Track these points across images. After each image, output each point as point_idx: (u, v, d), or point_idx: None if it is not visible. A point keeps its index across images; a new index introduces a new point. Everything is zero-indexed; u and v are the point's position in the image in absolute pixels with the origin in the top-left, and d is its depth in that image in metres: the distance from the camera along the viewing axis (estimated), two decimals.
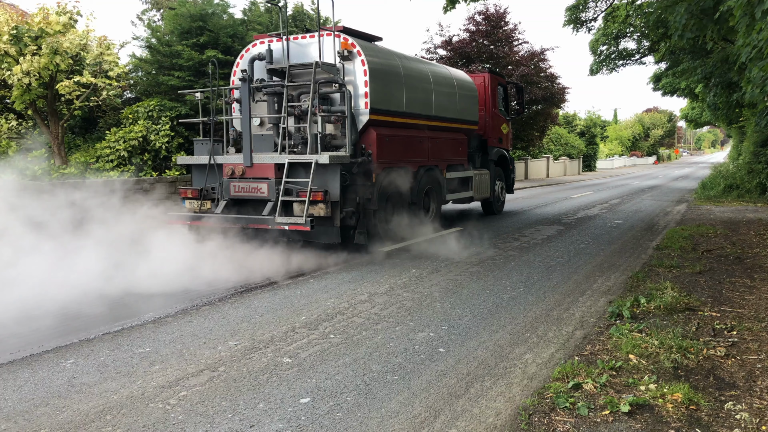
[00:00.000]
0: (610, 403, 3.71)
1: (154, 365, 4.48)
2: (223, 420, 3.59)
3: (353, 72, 9.12)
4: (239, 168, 8.97)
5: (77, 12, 13.13)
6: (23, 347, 4.96)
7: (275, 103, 9.36)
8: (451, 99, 11.66)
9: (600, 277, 7.46)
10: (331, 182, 8.49)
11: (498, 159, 14.41)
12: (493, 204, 14.50)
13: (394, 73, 9.90)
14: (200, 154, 9.46)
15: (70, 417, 3.66)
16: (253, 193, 8.91)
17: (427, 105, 10.81)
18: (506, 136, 15.06)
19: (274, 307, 6.07)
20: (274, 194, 8.61)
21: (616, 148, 66.77)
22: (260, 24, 17.24)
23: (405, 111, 10.12)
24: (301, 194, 8.33)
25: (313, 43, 9.35)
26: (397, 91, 9.89)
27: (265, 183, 8.75)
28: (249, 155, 8.89)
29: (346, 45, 9.09)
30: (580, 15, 19.19)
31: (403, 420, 3.59)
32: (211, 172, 9.24)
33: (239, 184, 8.99)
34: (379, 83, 9.33)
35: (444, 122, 11.41)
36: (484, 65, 26.93)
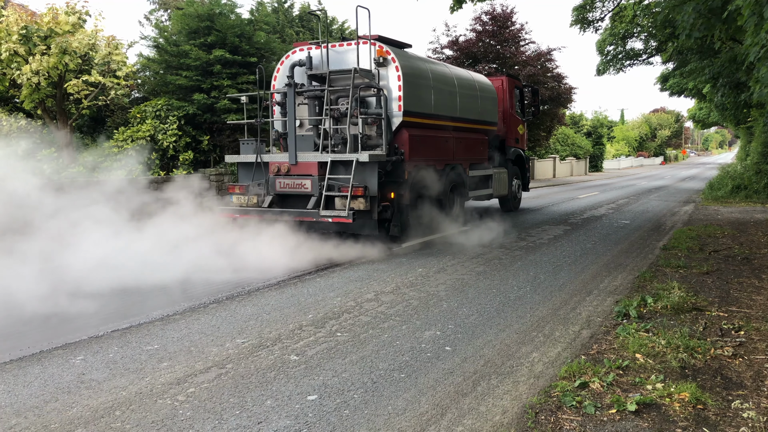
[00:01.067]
0: (617, 401, 3.71)
1: (162, 362, 4.51)
2: (231, 416, 3.61)
3: (387, 77, 9.85)
4: (284, 166, 9.64)
5: (86, 12, 13.22)
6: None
7: (316, 106, 10.08)
8: (473, 101, 12.28)
9: (607, 277, 7.45)
10: (369, 178, 9.15)
11: (515, 158, 15.06)
12: (510, 201, 15.17)
13: (424, 78, 10.56)
14: (246, 153, 10.16)
15: (80, 413, 3.69)
16: (297, 188, 9.62)
17: (452, 107, 11.41)
18: (522, 136, 15.64)
19: (281, 306, 6.09)
20: (317, 190, 9.30)
21: (623, 149, 66.57)
22: (267, 24, 17.30)
23: (433, 113, 10.78)
24: (343, 189, 9.01)
25: (350, 50, 10.04)
26: (426, 94, 10.55)
27: (309, 179, 9.45)
28: (294, 154, 9.58)
29: (382, 52, 9.78)
30: (587, 15, 19.16)
31: (410, 417, 3.61)
32: (258, 169, 9.90)
33: (284, 180, 9.69)
34: (411, 87, 10.00)
35: (467, 123, 12.02)
36: (490, 65, 26.92)
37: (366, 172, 9.17)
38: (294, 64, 10.14)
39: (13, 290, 6.33)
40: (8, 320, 5.65)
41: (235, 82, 15.36)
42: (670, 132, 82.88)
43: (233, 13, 16.54)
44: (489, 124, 13.08)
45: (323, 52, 9.93)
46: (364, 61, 9.81)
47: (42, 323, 5.57)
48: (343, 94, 9.91)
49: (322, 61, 9.96)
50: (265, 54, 16.32)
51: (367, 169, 9.17)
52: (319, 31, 10.88)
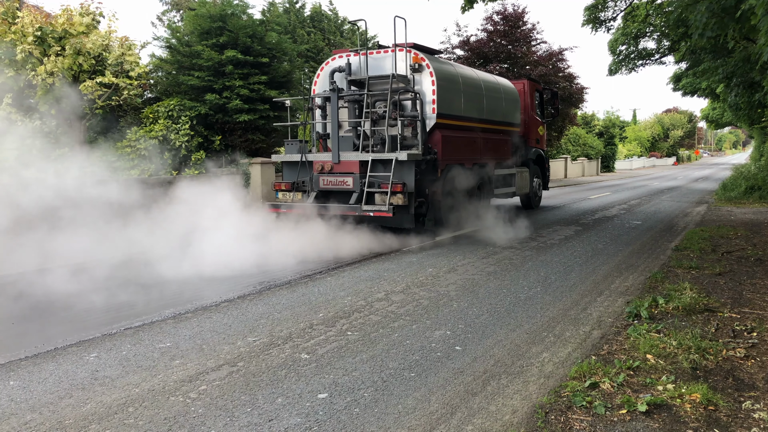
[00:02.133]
0: (627, 402, 3.70)
1: (174, 360, 4.55)
2: (243, 414, 3.64)
3: (421, 82, 10.60)
4: (328, 164, 10.45)
5: (100, 13, 13.35)
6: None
7: (355, 109, 10.84)
8: (498, 103, 12.99)
9: (618, 277, 7.42)
10: (407, 176, 9.87)
11: (536, 158, 15.76)
12: (531, 199, 15.85)
13: (454, 82, 11.33)
14: (290, 153, 10.96)
15: (94, 409, 3.73)
16: (339, 185, 10.42)
17: (479, 109, 12.16)
18: (542, 137, 16.36)
19: (292, 304, 6.13)
20: (358, 186, 10.08)
21: (635, 149, 66.16)
22: (279, 24, 17.35)
23: (463, 115, 11.54)
24: (383, 186, 9.77)
25: (386, 57, 10.88)
26: (456, 98, 11.31)
27: (351, 177, 10.25)
28: (337, 153, 10.39)
29: (417, 59, 10.57)
30: (599, 14, 19.05)
31: (419, 416, 3.62)
32: (302, 168, 10.72)
33: (328, 177, 10.49)
34: (444, 91, 10.75)
35: (492, 124, 12.74)
36: (501, 65, 26.86)
37: (404, 170, 9.88)
38: (334, 70, 10.91)
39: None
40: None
41: (247, 83, 15.44)
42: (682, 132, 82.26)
43: (245, 14, 16.63)
44: (512, 125, 13.77)
45: (361, 59, 10.77)
46: (400, 66, 10.60)
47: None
48: (380, 97, 10.67)
49: (361, 67, 10.81)
50: (276, 54, 16.38)
51: (405, 167, 9.89)
52: (358, 39, 11.86)
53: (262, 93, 15.67)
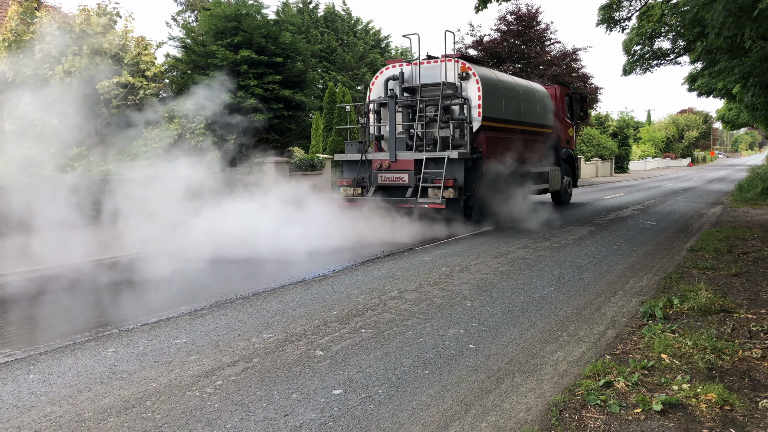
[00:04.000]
0: (642, 401, 3.70)
1: (190, 355, 4.61)
2: (258, 409, 3.68)
3: (468, 88, 11.78)
4: (386, 162, 11.72)
5: (117, 13, 13.48)
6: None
7: (409, 113, 12.05)
8: (533, 107, 14.12)
9: (632, 277, 7.39)
10: (457, 172, 11.08)
11: (566, 157, 16.88)
12: (562, 196, 16.95)
13: (497, 88, 12.51)
14: (350, 153, 12.29)
15: (112, 402, 3.79)
16: (396, 181, 11.64)
17: (517, 112, 13.29)
18: (572, 138, 17.59)
19: (306, 302, 6.17)
20: (413, 182, 11.35)
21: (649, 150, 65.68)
22: (293, 24, 17.44)
23: (504, 117, 12.70)
24: (436, 181, 11.00)
25: (435, 66, 12.04)
26: (498, 102, 12.46)
27: (406, 173, 11.50)
28: (394, 152, 11.60)
29: (465, 68, 11.77)
30: (614, 14, 18.92)
31: (434, 413, 3.64)
32: (362, 166, 11.97)
33: (386, 174, 11.75)
34: (488, 96, 11.89)
35: (529, 126, 13.86)
36: (515, 65, 26.79)
37: (454, 167, 11.06)
38: (388, 78, 12.27)
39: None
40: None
41: (262, 82, 15.53)
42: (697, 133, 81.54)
43: (259, 14, 16.72)
44: (546, 127, 14.90)
45: (413, 68, 12.10)
46: (449, 75, 11.75)
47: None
48: (430, 102, 11.80)
49: (413, 75, 12.08)
50: (290, 54, 16.46)
51: (456, 165, 11.07)
52: (415, 50, 13.13)
53: (277, 92, 15.75)
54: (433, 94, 11.74)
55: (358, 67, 29.25)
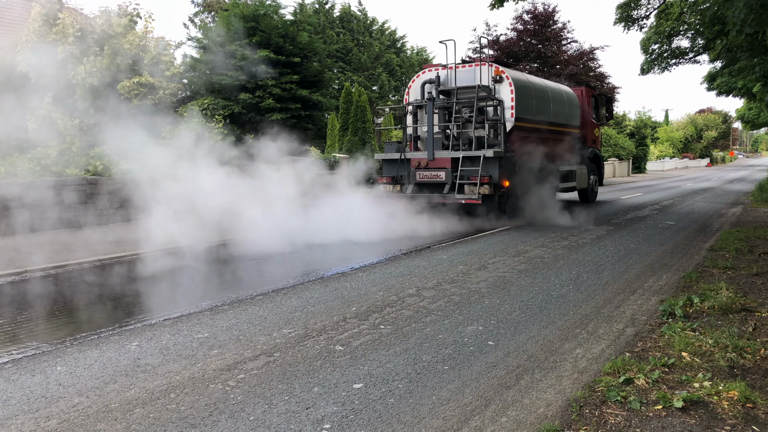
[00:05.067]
0: (662, 398, 3.69)
1: (212, 349, 4.67)
2: (280, 402, 3.73)
3: (501, 91, 12.45)
4: (424, 161, 12.43)
5: (137, 14, 13.63)
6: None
7: (445, 115, 12.80)
8: (562, 108, 14.76)
9: (651, 276, 7.36)
10: (492, 170, 11.74)
11: (592, 157, 17.53)
12: (588, 194, 17.53)
13: (528, 90, 13.16)
14: (389, 152, 13.08)
15: (138, 394, 3.86)
16: (433, 178, 12.37)
17: (547, 113, 13.91)
18: (598, 138, 18.25)
19: (325, 299, 6.22)
20: (450, 179, 12.05)
21: (667, 150, 65.05)
22: (310, 24, 17.53)
23: (535, 118, 13.30)
24: (472, 178, 11.68)
25: (469, 70, 12.74)
26: (529, 103, 13.10)
27: (444, 171, 12.19)
28: (432, 151, 12.34)
29: (498, 72, 12.46)
30: (632, 13, 18.76)
31: (454, 407, 3.67)
32: (400, 164, 12.69)
33: (423, 172, 12.47)
34: (520, 98, 12.56)
35: (558, 126, 14.49)
36: (531, 64, 26.69)
37: (489, 165, 11.71)
38: (425, 81, 12.91)
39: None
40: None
41: (279, 82, 15.63)
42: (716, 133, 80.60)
43: (277, 14, 16.83)
44: (573, 127, 15.55)
45: (449, 72, 12.76)
46: (483, 78, 12.46)
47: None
48: (465, 104, 12.50)
49: (448, 78, 12.74)
50: (308, 54, 16.55)
51: (490, 163, 11.70)
52: (446, 57, 13.70)
53: (294, 92, 15.84)
54: (468, 96, 12.40)
55: (373, 68, 29.30)
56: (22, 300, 6.59)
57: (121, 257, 8.96)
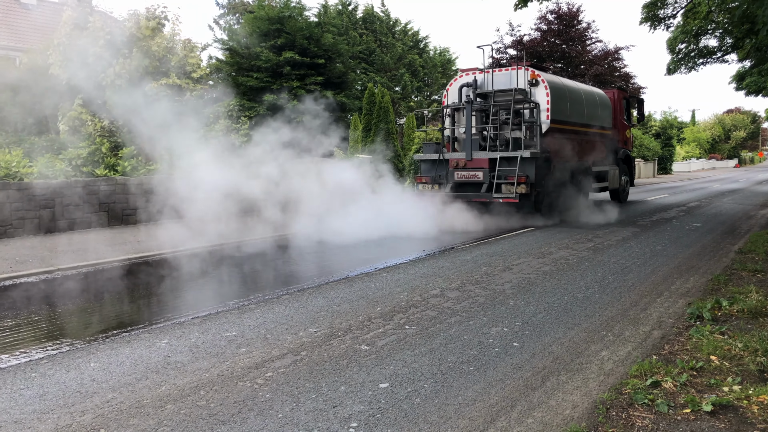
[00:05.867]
0: (691, 401, 3.67)
1: (240, 348, 4.75)
2: (308, 400, 3.78)
3: (536, 94, 12.85)
4: (462, 161, 12.86)
5: (164, 17, 13.85)
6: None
7: (482, 117, 13.30)
8: (595, 110, 15.13)
9: (678, 279, 7.28)
10: (529, 170, 12.10)
11: (624, 158, 17.79)
12: (620, 194, 17.79)
13: (562, 93, 13.56)
14: (427, 152, 13.53)
15: (168, 391, 3.94)
16: (471, 178, 12.78)
17: (581, 115, 14.33)
18: (629, 139, 18.53)
19: (350, 299, 6.27)
20: (487, 179, 12.44)
21: (694, 151, 64.04)
22: (334, 26, 17.62)
23: (569, 120, 13.70)
24: (509, 178, 12.03)
25: (505, 74, 13.19)
26: (564, 106, 13.47)
27: (481, 171, 12.59)
28: (470, 152, 12.77)
29: (534, 75, 12.87)
30: (658, 12, 18.57)
31: (480, 408, 3.69)
32: (439, 164, 13.15)
33: (462, 172, 12.90)
34: (555, 100, 12.95)
35: (591, 128, 14.90)
36: (555, 64, 26.51)
37: (526, 165, 12.06)
38: (462, 85, 13.41)
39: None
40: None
41: (304, 83, 15.76)
42: (745, 133, 79.13)
43: (301, 16, 16.96)
44: (606, 128, 15.90)
45: (486, 76, 13.26)
46: (519, 81, 12.84)
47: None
48: (502, 107, 12.90)
49: (485, 82, 13.22)
50: (332, 56, 16.65)
51: (527, 163, 12.06)
52: (483, 62, 14.20)
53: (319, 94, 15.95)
54: (504, 99, 12.81)
55: (396, 68, 29.33)
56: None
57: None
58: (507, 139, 12.63)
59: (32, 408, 3.68)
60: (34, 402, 3.76)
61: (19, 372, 4.29)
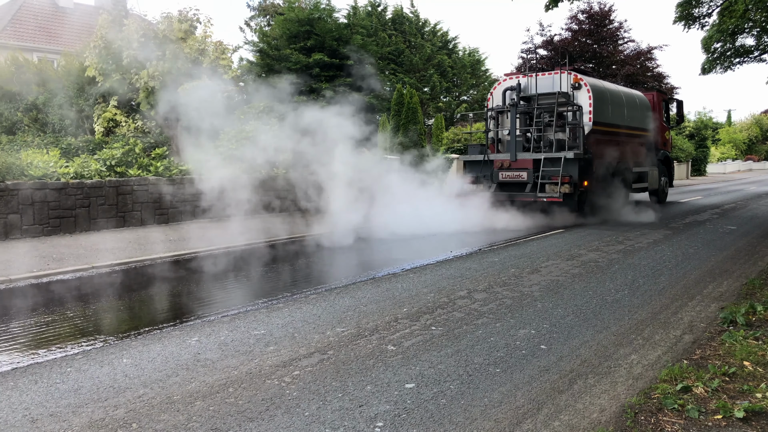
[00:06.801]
0: (722, 407, 3.61)
1: (269, 346, 4.81)
2: (334, 399, 3.82)
3: (579, 97, 13.30)
4: (506, 162, 13.36)
5: (197, 19, 14.07)
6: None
7: (526, 119, 13.71)
8: (635, 112, 15.51)
9: (711, 282, 7.14)
10: (572, 170, 12.56)
11: (663, 159, 18.15)
12: (659, 195, 18.08)
13: (605, 95, 14.01)
14: (473, 153, 14.18)
15: (198, 387, 4.02)
16: (516, 178, 13.26)
17: (621, 117, 14.72)
18: (668, 141, 18.87)
19: (377, 299, 6.30)
20: (531, 179, 12.93)
21: (729, 152, 62.57)
22: (363, 27, 17.70)
23: (610, 122, 14.10)
24: (553, 178, 12.55)
25: (548, 78, 13.71)
26: (606, 108, 13.91)
27: (525, 172, 13.08)
28: (514, 153, 13.25)
29: (577, 79, 13.32)
30: (692, 11, 18.20)
31: (506, 410, 3.68)
32: (483, 165, 13.73)
33: (506, 172, 13.38)
34: (597, 103, 13.39)
35: (631, 130, 15.25)
36: (586, 65, 26.20)
37: (569, 166, 12.50)
38: (506, 88, 13.98)
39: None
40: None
41: (333, 85, 15.85)
42: None
43: (330, 18, 17.06)
44: (645, 130, 16.18)
45: (529, 80, 13.78)
46: (562, 85, 13.32)
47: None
48: (546, 109, 13.35)
49: (529, 85, 13.76)
50: (361, 58, 16.73)
51: (570, 164, 12.51)
52: (526, 66, 14.25)
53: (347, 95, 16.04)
54: (548, 102, 13.28)
55: (425, 69, 29.31)
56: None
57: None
58: (550, 141, 13.12)
59: (67, 401, 3.78)
60: (70, 396, 3.87)
61: (55, 366, 4.41)
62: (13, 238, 10.00)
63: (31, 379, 4.16)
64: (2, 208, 9.91)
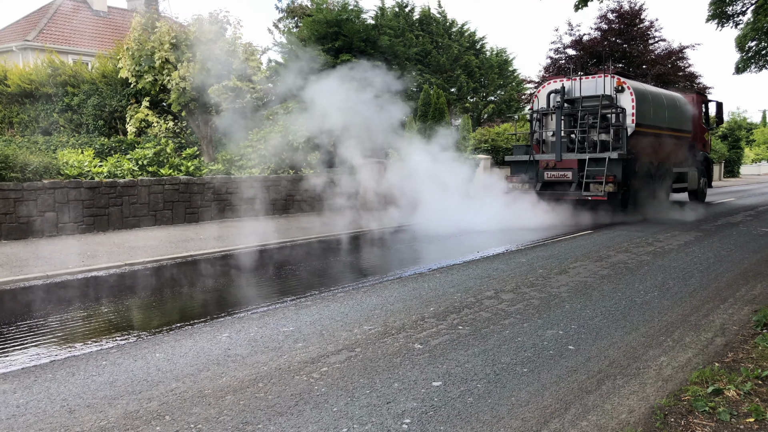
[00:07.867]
0: (755, 411, 3.56)
1: (297, 343, 4.88)
2: (362, 395, 3.86)
3: (622, 99, 13.75)
4: (551, 162, 13.91)
5: (227, 21, 14.27)
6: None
7: (570, 121, 14.25)
8: (676, 114, 15.92)
9: (744, 285, 7.02)
10: (616, 170, 13.02)
11: (702, 159, 18.45)
12: (698, 195, 18.41)
13: (647, 98, 14.45)
14: (518, 154, 14.70)
15: (228, 382, 4.10)
16: (561, 178, 13.82)
17: (663, 119, 15.14)
18: (708, 142, 19.18)
19: (404, 298, 6.33)
20: (576, 178, 13.44)
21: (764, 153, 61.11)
22: (391, 28, 17.75)
23: (653, 124, 14.56)
24: (597, 177, 12.96)
25: (590, 81, 14.14)
26: (648, 110, 14.37)
27: (570, 171, 13.62)
28: (559, 153, 13.83)
29: (620, 83, 13.82)
30: (726, 9, 17.87)
31: (533, 409, 3.68)
32: (528, 165, 14.18)
33: (551, 172, 13.95)
34: (640, 105, 13.89)
35: (672, 131, 15.65)
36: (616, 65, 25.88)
37: (613, 166, 12.95)
38: (551, 91, 14.44)
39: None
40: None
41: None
42: None
43: (358, 19, 17.15)
44: (686, 132, 16.57)
45: (573, 83, 14.20)
46: (606, 88, 13.65)
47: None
48: (590, 111, 13.78)
49: (572, 88, 14.16)
50: (388, 58, 16.77)
51: (614, 164, 12.96)
52: (571, 71, 14.99)
53: None
54: (591, 104, 13.69)
55: (452, 69, 29.24)
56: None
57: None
58: (595, 142, 13.64)
59: (103, 393, 3.89)
60: (105, 388, 3.98)
61: (91, 360, 4.54)
62: (49, 235, 10.27)
63: (68, 372, 4.28)
64: (40, 206, 10.19)
